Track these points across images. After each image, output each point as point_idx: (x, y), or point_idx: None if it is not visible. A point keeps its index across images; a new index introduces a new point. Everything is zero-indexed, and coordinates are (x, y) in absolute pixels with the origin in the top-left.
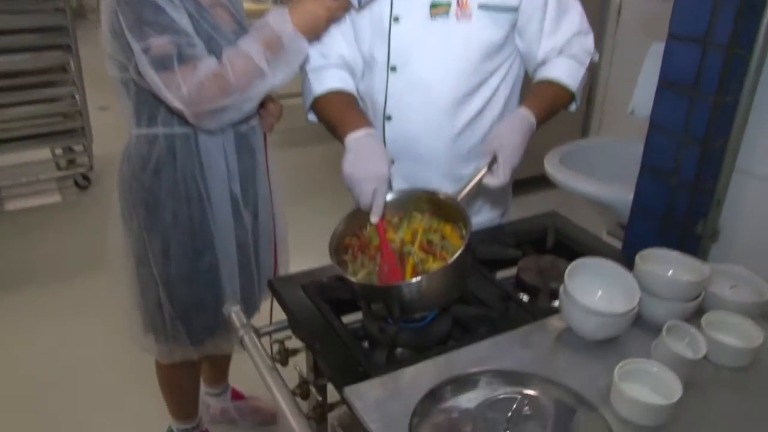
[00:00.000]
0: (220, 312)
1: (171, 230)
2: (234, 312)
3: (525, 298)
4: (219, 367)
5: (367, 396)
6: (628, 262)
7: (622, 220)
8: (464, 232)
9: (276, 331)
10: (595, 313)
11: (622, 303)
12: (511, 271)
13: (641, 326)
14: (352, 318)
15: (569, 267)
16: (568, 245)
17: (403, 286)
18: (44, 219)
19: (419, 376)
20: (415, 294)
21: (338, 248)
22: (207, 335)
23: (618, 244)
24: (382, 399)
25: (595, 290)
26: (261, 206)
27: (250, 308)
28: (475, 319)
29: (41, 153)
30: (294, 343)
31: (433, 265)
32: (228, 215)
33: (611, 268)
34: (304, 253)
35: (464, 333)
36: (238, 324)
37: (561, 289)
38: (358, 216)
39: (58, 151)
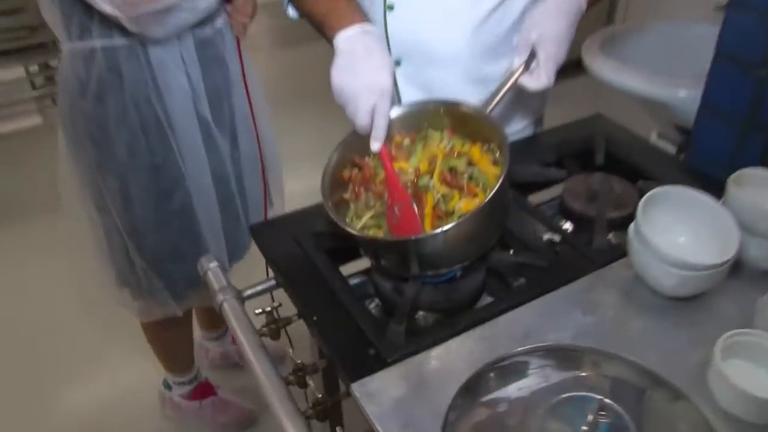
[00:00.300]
0: None
1: (128, 168)
2: (210, 270)
3: (570, 227)
4: (213, 313)
5: (384, 395)
6: (693, 178)
7: (680, 121)
8: (499, 154)
9: (264, 292)
10: (680, 266)
11: (715, 249)
12: (548, 193)
13: (734, 274)
14: (358, 265)
15: (643, 200)
16: (622, 159)
17: (423, 239)
18: (26, 144)
19: (449, 361)
20: (439, 247)
21: (334, 186)
22: (189, 288)
23: (671, 150)
24: (402, 399)
25: (677, 230)
26: (241, 129)
27: (237, 252)
28: (518, 269)
29: (14, 72)
30: (287, 309)
31: (461, 204)
32: (197, 143)
33: (697, 199)
34: (303, 180)
35: (501, 283)
36: (216, 286)
37: (631, 229)
38: (358, 140)
39: (33, 69)
